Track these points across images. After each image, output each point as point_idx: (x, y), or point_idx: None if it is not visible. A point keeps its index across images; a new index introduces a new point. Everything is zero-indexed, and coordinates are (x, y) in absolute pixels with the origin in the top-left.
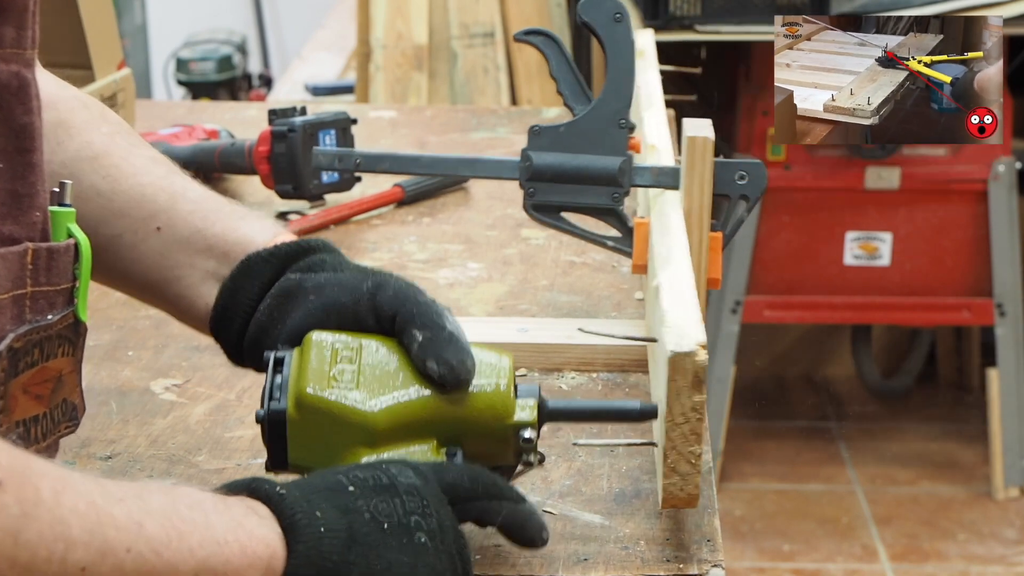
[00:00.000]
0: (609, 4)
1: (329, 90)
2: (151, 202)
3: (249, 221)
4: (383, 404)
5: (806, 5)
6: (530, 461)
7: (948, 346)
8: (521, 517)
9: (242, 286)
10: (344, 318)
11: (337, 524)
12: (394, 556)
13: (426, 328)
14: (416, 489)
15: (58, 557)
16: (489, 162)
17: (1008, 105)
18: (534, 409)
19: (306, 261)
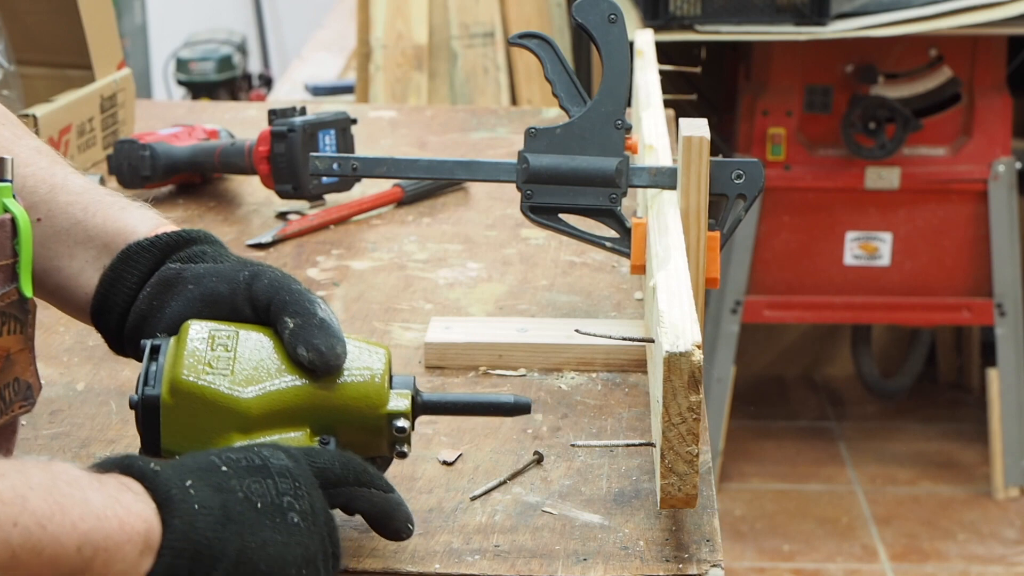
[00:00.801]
0: (603, 5)
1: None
2: (31, 193)
3: (130, 212)
4: (257, 391)
5: (806, 5)
6: (404, 452)
7: (948, 346)
8: (389, 507)
9: (122, 275)
10: (222, 308)
11: (211, 502)
12: (268, 535)
13: (297, 315)
14: (288, 471)
15: None
16: (486, 165)
17: (1008, 105)
18: (408, 399)
19: (187, 251)
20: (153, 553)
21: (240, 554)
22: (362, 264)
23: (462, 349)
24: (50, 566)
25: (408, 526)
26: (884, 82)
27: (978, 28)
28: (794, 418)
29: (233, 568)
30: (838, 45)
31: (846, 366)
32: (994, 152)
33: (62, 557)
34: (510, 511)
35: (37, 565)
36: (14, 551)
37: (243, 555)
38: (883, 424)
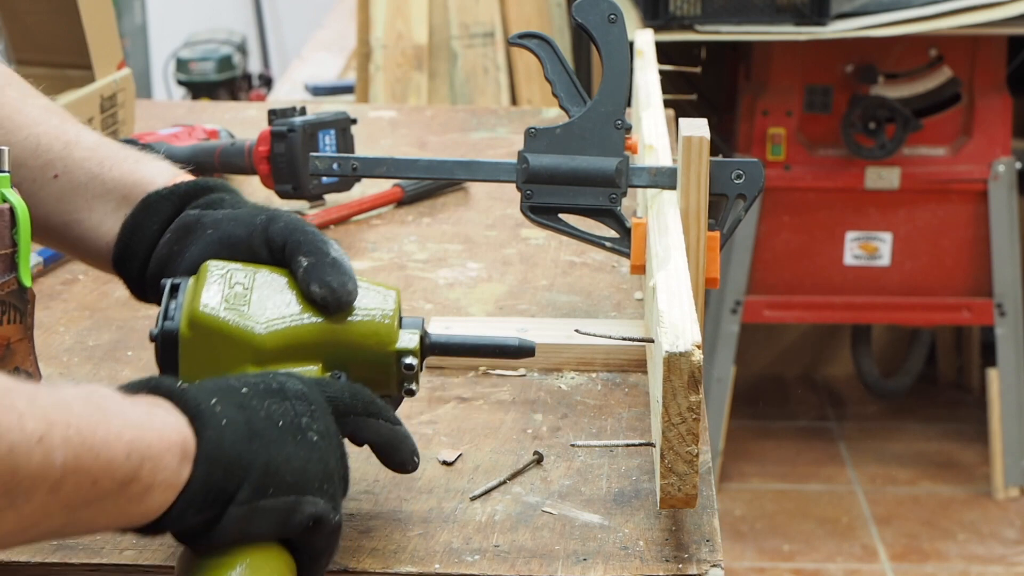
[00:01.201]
0: (603, 5)
1: (329, 90)
2: (46, 151)
3: (146, 163)
4: (271, 326)
5: (806, 5)
6: (412, 390)
7: (948, 346)
8: (395, 438)
9: (142, 223)
10: (239, 250)
11: (237, 417)
12: (291, 450)
13: (311, 255)
14: (304, 395)
15: (16, 424)
16: (486, 165)
17: (1008, 105)
18: (417, 338)
19: (206, 199)
20: (190, 462)
21: (267, 466)
22: (362, 264)
23: None
24: (107, 471)
25: (413, 458)
26: (884, 82)
27: (978, 28)
28: (794, 418)
29: (262, 479)
30: (838, 45)
31: (846, 366)
32: (994, 152)
33: (115, 463)
34: (510, 511)
35: (96, 469)
36: (76, 451)
37: (270, 467)
38: (883, 424)
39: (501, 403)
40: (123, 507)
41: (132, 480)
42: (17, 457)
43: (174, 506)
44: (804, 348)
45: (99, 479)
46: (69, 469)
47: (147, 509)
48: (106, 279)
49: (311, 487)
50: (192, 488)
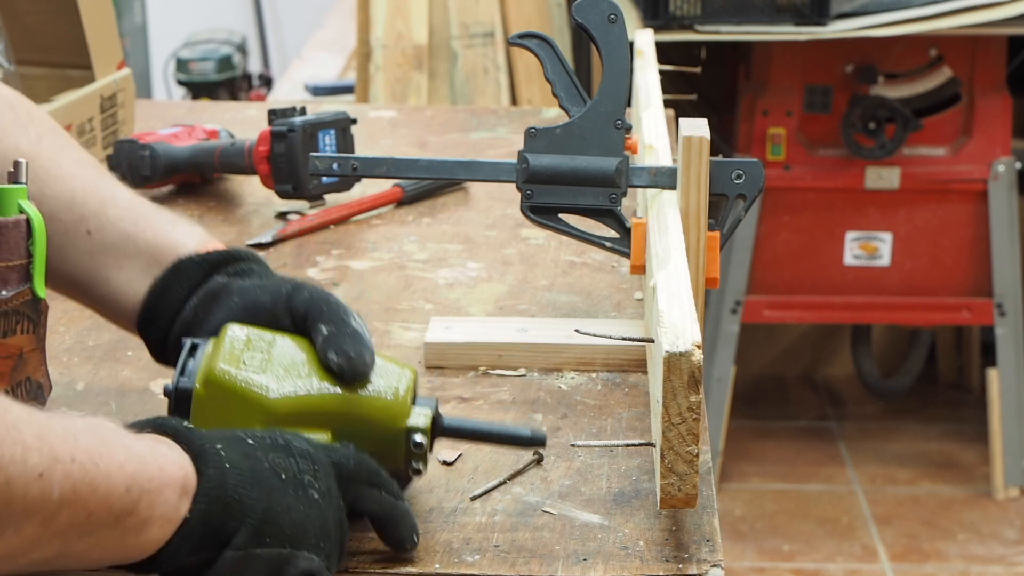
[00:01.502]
0: (603, 5)
1: (329, 90)
2: (81, 206)
3: (178, 227)
4: (285, 392)
5: (806, 5)
6: (419, 469)
7: (948, 346)
8: (396, 513)
9: (171, 286)
10: (262, 317)
11: (241, 464)
12: (291, 502)
13: (331, 324)
14: (309, 454)
15: (19, 459)
16: (486, 165)
17: (1008, 105)
18: (428, 418)
19: (235, 267)
20: (190, 498)
21: (266, 513)
22: (362, 264)
23: (462, 349)
24: (104, 504)
25: (413, 537)
26: (884, 82)
27: (978, 28)
28: (794, 418)
29: (259, 525)
30: (838, 45)
31: (846, 366)
32: (994, 152)
33: (113, 496)
34: (510, 511)
35: (94, 502)
36: (74, 485)
37: (269, 515)
38: (883, 424)
39: (501, 403)
40: (119, 540)
41: (130, 513)
42: (14, 489)
43: (171, 541)
44: (804, 348)
45: (95, 511)
46: (66, 502)
47: (144, 543)
48: None
49: (307, 542)
50: (190, 524)
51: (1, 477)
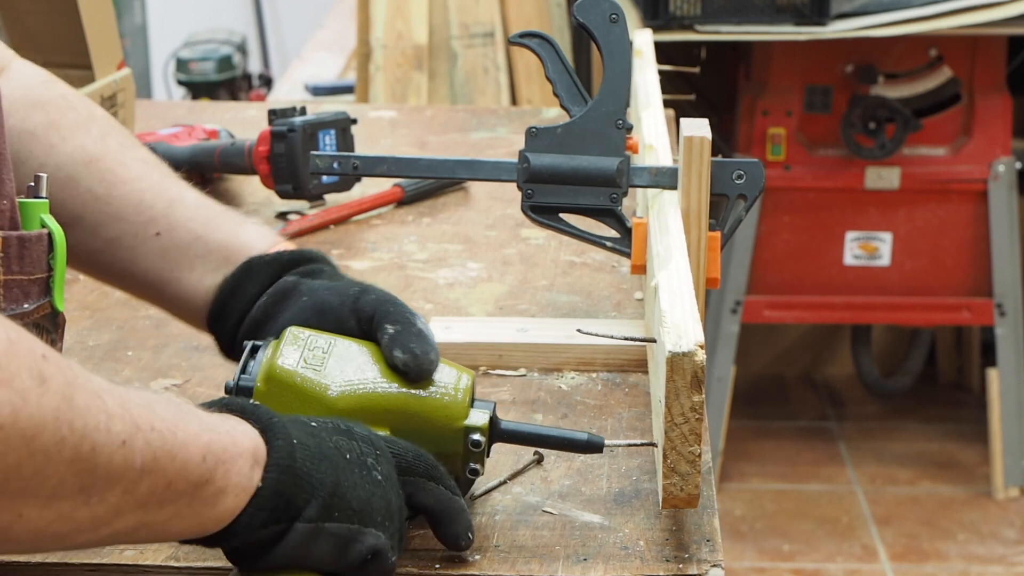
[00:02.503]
0: (605, 5)
1: (329, 90)
2: (149, 207)
3: (248, 228)
4: (344, 388)
5: (806, 5)
6: (476, 470)
7: (948, 346)
8: (452, 508)
9: (241, 285)
10: (329, 318)
11: (307, 440)
12: (357, 479)
13: (397, 323)
14: (370, 440)
15: (103, 426)
16: (487, 164)
17: (1008, 105)
18: (487, 417)
19: (306, 268)
20: (261, 468)
21: (335, 488)
22: (362, 264)
23: (462, 349)
24: (182, 472)
25: (468, 534)
26: (884, 82)
27: (978, 28)
28: (794, 418)
29: (328, 499)
30: (838, 45)
31: (846, 366)
32: (994, 152)
33: (191, 464)
34: (510, 511)
35: (173, 471)
36: (155, 454)
37: (337, 490)
38: (883, 424)
39: (501, 403)
40: (197, 510)
41: (206, 482)
42: (99, 457)
43: (244, 511)
44: (804, 348)
45: (174, 481)
46: (147, 470)
47: (220, 514)
48: None
49: (374, 520)
50: (263, 494)
51: (88, 444)
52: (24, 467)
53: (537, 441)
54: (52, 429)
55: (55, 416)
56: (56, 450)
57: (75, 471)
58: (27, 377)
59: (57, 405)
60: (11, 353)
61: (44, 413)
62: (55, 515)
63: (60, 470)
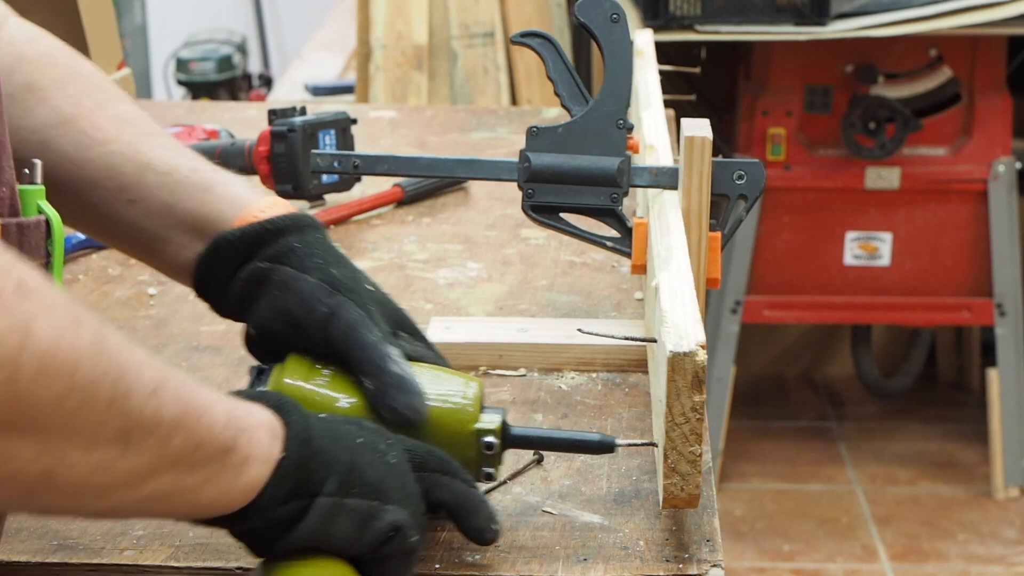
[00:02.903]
0: (606, 4)
1: (329, 90)
2: (120, 173)
3: (216, 194)
4: (353, 402)
5: (806, 5)
6: (491, 474)
7: (948, 346)
8: (471, 501)
9: (212, 267)
10: (298, 336)
11: (319, 423)
12: (372, 459)
13: (373, 376)
14: (381, 431)
15: (135, 371)
16: (487, 163)
17: (1008, 105)
18: (498, 420)
19: (274, 248)
20: (280, 440)
21: (351, 464)
22: (362, 264)
23: (462, 349)
24: (208, 434)
25: (492, 526)
26: (884, 82)
27: (978, 28)
28: (794, 418)
29: (347, 475)
30: (838, 45)
31: (846, 366)
32: (994, 152)
33: (215, 428)
34: (510, 511)
35: (200, 431)
36: (182, 409)
37: (354, 466)
38: (883, 424)
39: (501, 403)
40: (226, 477)
41: (231, 449)
42: (131, 402)
43: (269, 483)
44: (804, 348)
45: (203, 442)
46: (176, 425)
47: (245, 484)
48: (106, 279)
49: (392, 498)
50: (285, 465)
51: (123, 385)
52: (66, 402)
53: (549, 444)
54: (90, 364)
55: (92, 352)
56: (95, 387)
57: (113, 412)
58: (63, 313)
59: (92, 343)
60: (45, 289)
61: (81, 347)
62: (96, 463)
63: (99, 410)
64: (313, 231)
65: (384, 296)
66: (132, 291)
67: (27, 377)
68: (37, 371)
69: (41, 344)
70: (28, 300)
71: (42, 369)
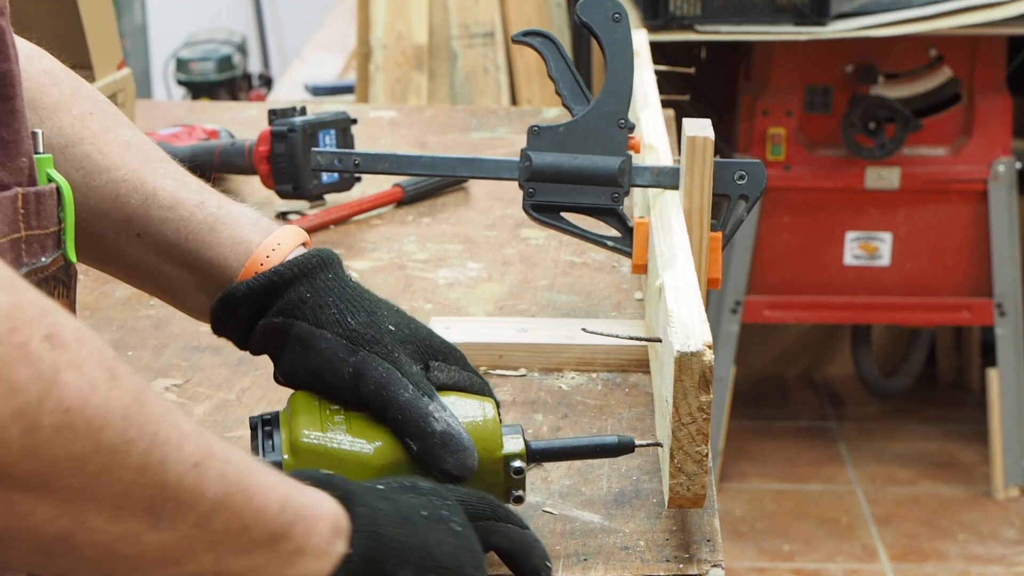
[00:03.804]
0: (608, 4)
1: (329, 90)
2: (125, 203)
3: (220, 236)
4: (377, 444)
5: (806, 5)
6: (520, 496)
7: (948, 346)
8: (526, 543)
9: (226, 322)
10: (329, 389)
11: (385, 506)
12: (440, 535)
13: (417, 439)
14: (437, 491)
15: (175, 442)
16: (488, 162)
17: (1008, 105)
18: (521, 441)
19: (285, 301)
20: (343, 536)
21: (422, 548)
22: (362, 264)
23: (462, 349)
24: (259, 518)
25: (545, 564)
26: (884, 82)
27: (978, 28)
28: (794, 418)
29: (421, 560)
30: (838, 45)
31: (846, 366)
32: (994, 152)
33: (267, 512)
34: None
35: (248, 513)
36: (229, 488)
37: (425, 550)
38: (883, 424)
39: (502, 403)
40: (276, 568)
41: (284, 537)
42: (168, 473)
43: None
44: (804, 348)
45: (250, 526)
46: (220, 505)
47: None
48: (106, 279)
49: (466, 572)
50: (353, 561)
51: (158, 454)
52: (89, 462)
53: (570, 454)
54: (121, 426)
55: (124, 414)
56: (124, 451)
57: (143, 482)
58: (97, 368)
59: (128, 404)
60: (82, 340)
61: (113, 407)
62: (120, 532)
63: (127, 477)
64: (323, 272)
65: (409, 329)
66: (132, 291)
67: (47, 432)
68: (58, 426)
69: (66, 399)
70: (57, 351)
71: (65, 424)
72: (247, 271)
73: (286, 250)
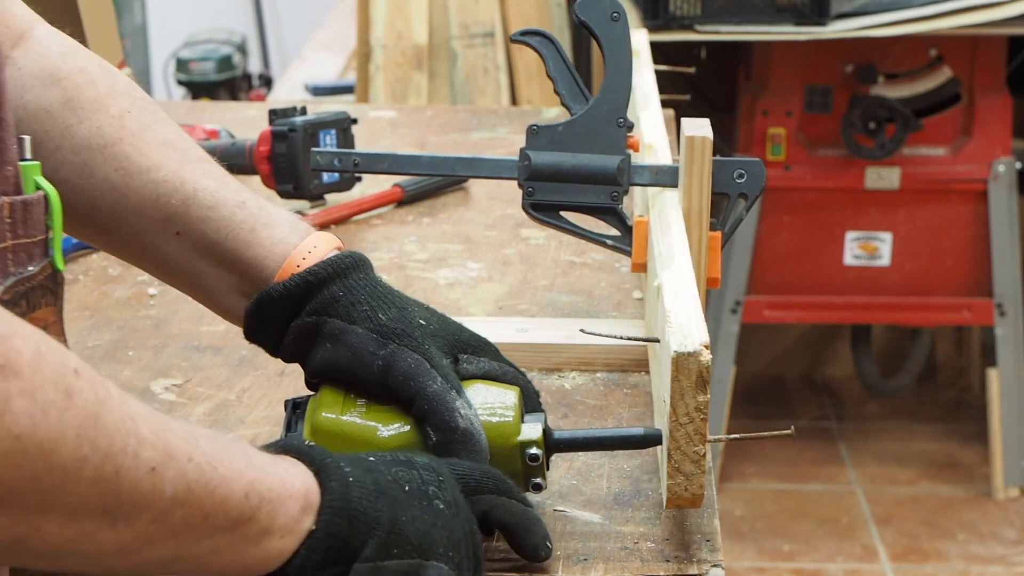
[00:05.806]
0: (606, 3)
1: (329, 90)
2: (165, 204)
3: (259, 236)
4: (393, 430)
5: (806, 5)
6: (539, 484)
7: (948, 346)
8: (528, 520)
9: (262, 322)
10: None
11: (363, 478)
12: (416, 512)
13: (439, 431)
14: (432, 467)
15: (131, 451)
16: (488, 162)
17: (1008, 105)
18: (540, 429)
19: (319, 300)
20: (313, 512)
21: (392, 524)
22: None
23: None
24: (221, 507)
25: (546, 543)
26: (884, 82)
27: (978, 28)
28: (794, 418)
29: (386, 536)
30: (838, 45)
31: (846, 366)
32: (994, 152)
33: (231, 501)
34: None
35: (210, 504)
36: (189, 485)
37: (395, 526)
38: (883, 424)
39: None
40: (238, 548)
41: (248, 520)
42: (122, 481)
43: (296, 554)
44: (804, 348)
45: (211, 514)
46: (179, 501)
47: (265, 554)
48: (106, 279)
49: (435, 552)
50: (316, 537)
51: (111, 466)
52: (41, 481)
53: (594, 445)
54: (73, 446)
55: (77, 433)
56: (77, 468)
57: (97, 492)
58: (52, 390)
59: (81, 422)
60: (37, 364)
61: (65, 429)
62: (76, 533)
63: (81, 489)
64: (356, 272)
65: (439, 324)
66: (132, 291)
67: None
68: (9, 452)
69: (15, 426)
70: (9, 380)
71: (15, 451)
72: (283, 272)
73: (321, 253)
